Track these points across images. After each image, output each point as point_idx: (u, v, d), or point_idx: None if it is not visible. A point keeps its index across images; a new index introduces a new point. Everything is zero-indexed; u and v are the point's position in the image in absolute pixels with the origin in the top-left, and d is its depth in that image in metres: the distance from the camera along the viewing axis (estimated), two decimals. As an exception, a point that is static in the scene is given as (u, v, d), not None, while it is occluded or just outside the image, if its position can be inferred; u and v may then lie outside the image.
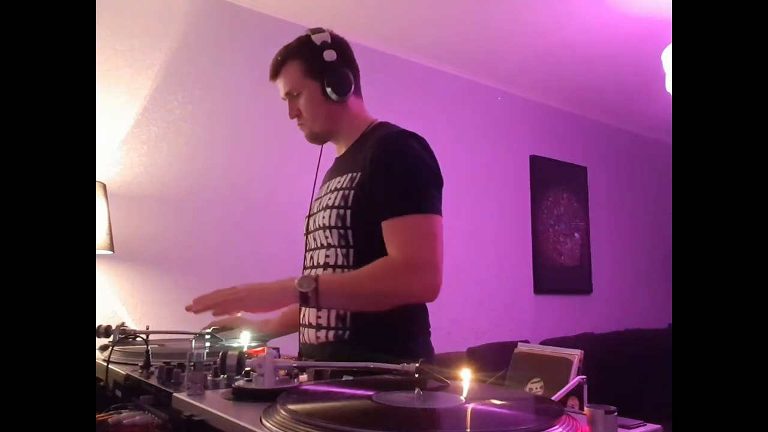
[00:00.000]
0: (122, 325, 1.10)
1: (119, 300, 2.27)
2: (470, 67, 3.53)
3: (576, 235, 4.16)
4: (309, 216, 1.34)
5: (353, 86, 1.30)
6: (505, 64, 3.51)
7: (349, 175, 1.23)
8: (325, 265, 1.23)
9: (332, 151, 1.41)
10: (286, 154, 2.79)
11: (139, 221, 2.34)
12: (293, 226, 2.73)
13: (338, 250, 1.20)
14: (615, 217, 4.49)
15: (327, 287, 1.11)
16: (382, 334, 1.15)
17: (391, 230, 1.14)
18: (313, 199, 1.37)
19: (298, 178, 2.82)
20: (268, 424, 0.57)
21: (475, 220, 3.53)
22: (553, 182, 4.04)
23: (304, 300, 1.10)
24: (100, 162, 2.26)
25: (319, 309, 1.18)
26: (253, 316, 1.25)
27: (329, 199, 1.24)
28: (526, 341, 3.28)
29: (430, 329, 1.27)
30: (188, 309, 1.13)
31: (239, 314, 1.22)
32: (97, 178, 2.13)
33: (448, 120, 3.50)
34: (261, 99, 2.71)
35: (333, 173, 1.33)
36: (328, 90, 1.27)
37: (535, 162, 3.93)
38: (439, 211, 1.18)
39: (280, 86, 1.32)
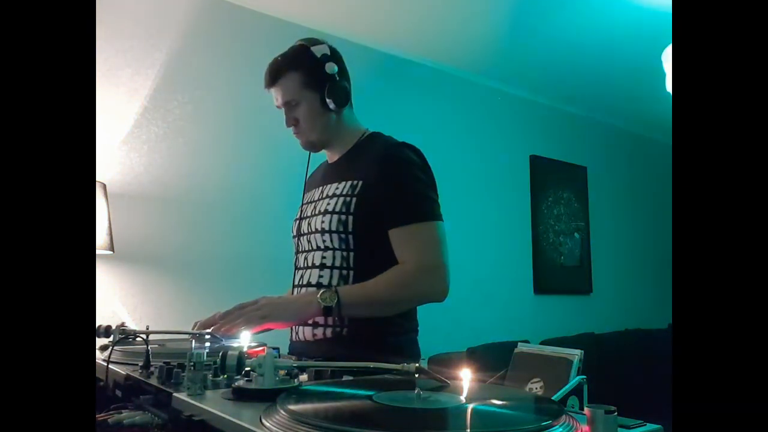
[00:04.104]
0: (122, 325, 1.09)
1: (119, 300, 2.27)
2: (470, 67, 3.53)
3: (576, 235, 4.16)
4: (300, 219, 1.38)
5: (349, 98, 1.36)
6: (506, 64, 3.51)
7: (350, 182, 1.28)
8: (321, 266, 1.28)
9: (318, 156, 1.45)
10: (287, 154, 2.79)
11: (139, 221, 2.34)
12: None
13: (336, 252, 1.26)
14: (615, 217, 4.49)
15: (348, 299, 1.17)
16: (376, 331, 1.22)
17: (402, 238, 1.22)
18: (304, 203, 1.42)
19: (298, 178, 2.83)
20: (268, 424, 0.57)
21: (475, 220, 3.52)
22: (553, 182, 4.04)
23: (328, 312, 1.16)
24: (100, 162, 2.26)
25: (340, 319, 1.23)
26: None
27: (328, 204, 1.28)
28: (526, 341, 3.27)
29: (418, 327, 1.33)
30: (215, 330, 1.09)
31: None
32: (97, 178, 2.13)
33: (448, 120, 3.50)
34: (261, 99, 2.71)
35: (327, 178, 1.37)
36: (328, 101, 1.31)
37: (535, 162, 3.93)
38: (441, 217, 1.27)
39: (277, 95, 1.35)
